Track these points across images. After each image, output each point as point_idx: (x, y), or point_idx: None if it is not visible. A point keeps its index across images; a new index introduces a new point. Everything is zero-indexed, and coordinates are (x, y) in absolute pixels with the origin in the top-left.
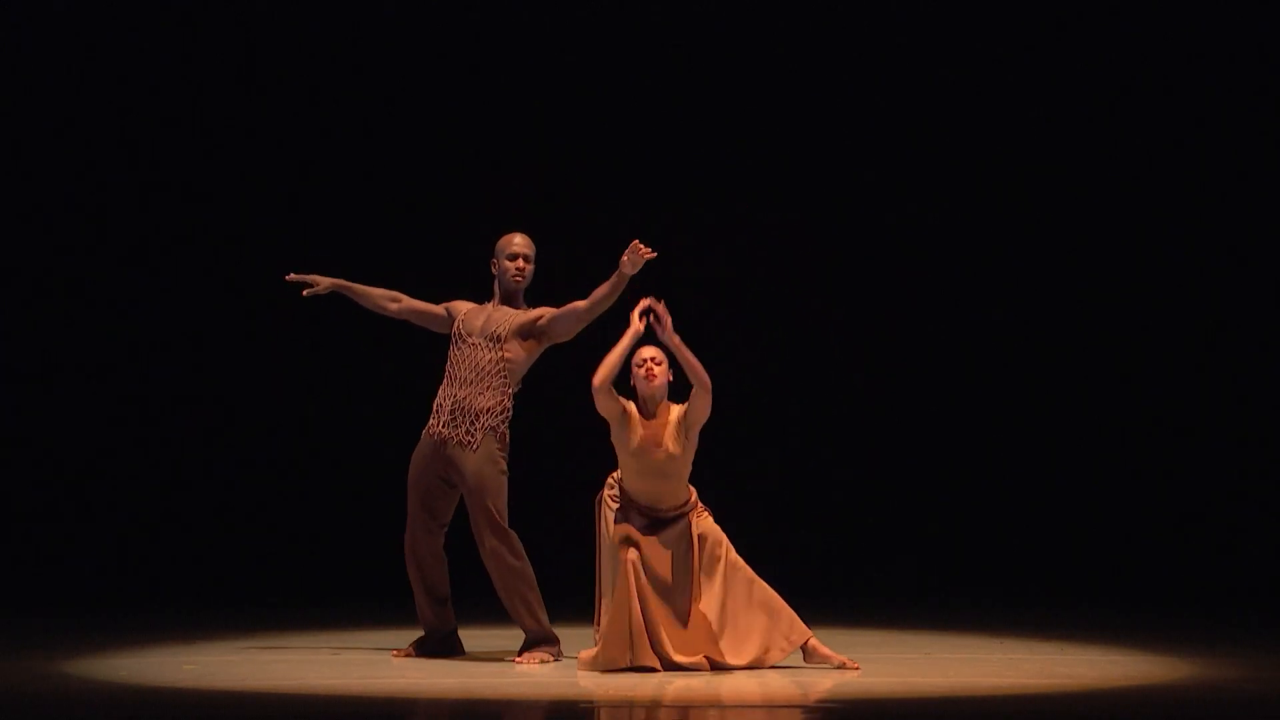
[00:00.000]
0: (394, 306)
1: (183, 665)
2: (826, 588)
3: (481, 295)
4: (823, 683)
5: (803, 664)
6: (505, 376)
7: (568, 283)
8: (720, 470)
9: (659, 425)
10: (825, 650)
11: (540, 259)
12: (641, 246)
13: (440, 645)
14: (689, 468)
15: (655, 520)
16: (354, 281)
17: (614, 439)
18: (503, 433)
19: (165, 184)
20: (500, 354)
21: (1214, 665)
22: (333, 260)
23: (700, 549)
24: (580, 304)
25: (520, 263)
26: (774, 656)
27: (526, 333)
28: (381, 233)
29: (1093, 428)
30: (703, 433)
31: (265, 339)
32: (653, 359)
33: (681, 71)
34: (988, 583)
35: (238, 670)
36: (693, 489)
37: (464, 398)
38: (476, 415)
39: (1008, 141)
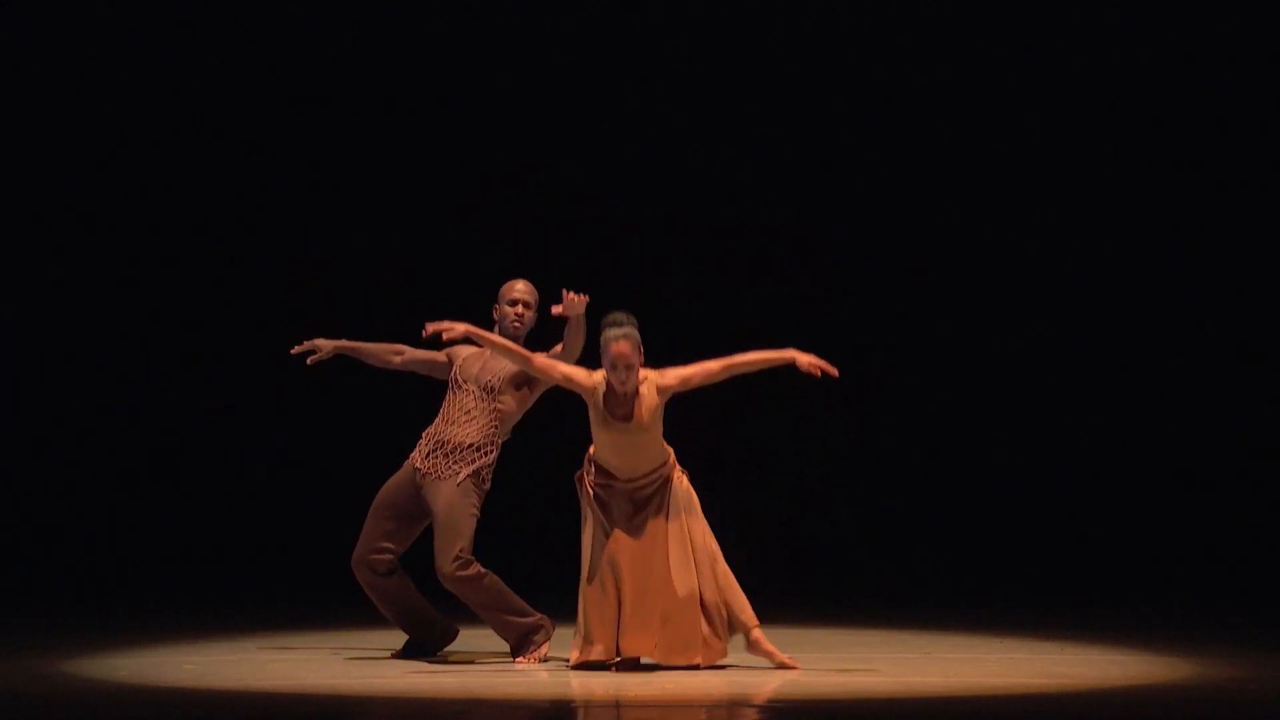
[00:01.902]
0: (397, 360)
1: (183, 665)
2: (827, 588)
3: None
4: (822, 682)
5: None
6: (496, 425)
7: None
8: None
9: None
10: (768, 645)
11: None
12: (570, 294)
13: (427, 645)
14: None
15: (635, 500)
16: (356, 340)
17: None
18: (484, 476)
19: (156, 185)
20: (494, 404)
21: (1214, 665)
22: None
23: (671, 515)
24: (558, 351)
25: (520, 309)
26: (715, 649)
27: (520, 381)
28: (383, 255)
29: (1093, 427)
30: (703, 431)
31: (264, 339)
32: (627, 364)
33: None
34: (988, 583)
35: (238, 670)
36: (670, 449)
37: (449, 436)
38: (458, 451)
39: (1008, 141)
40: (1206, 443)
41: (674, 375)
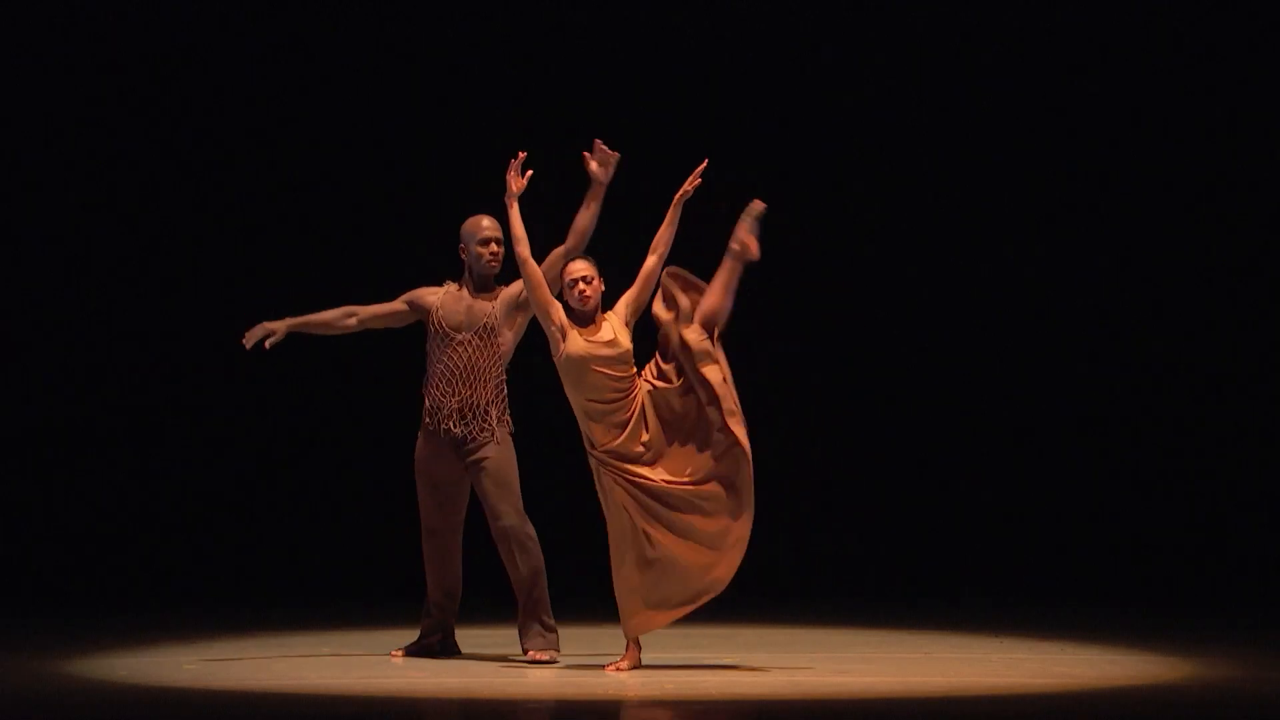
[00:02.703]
0: (352, 322)
1: (183, 665)
2: (827, 588)
3: (426, 277)
4: (822, 682)
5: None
6: (500, 364)
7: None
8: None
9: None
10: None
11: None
12: (603, 145)
13: (436, 646)
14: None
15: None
16: (302, 314)
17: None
18: (507, 419)
19: (152, 183)
20: (494, 345)
21: (1214, 665)
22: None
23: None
24: (559, 249)
25: (494, 247)
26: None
27: (513, 308)
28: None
29: (1094, 427)
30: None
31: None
32: (584, 277)
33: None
34: (988, 583)
35: (238, 670)
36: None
37: (468, 395)
38: (486, 410)
39: (1009, 141)
40: (1206, 442)
41: (621, 301)
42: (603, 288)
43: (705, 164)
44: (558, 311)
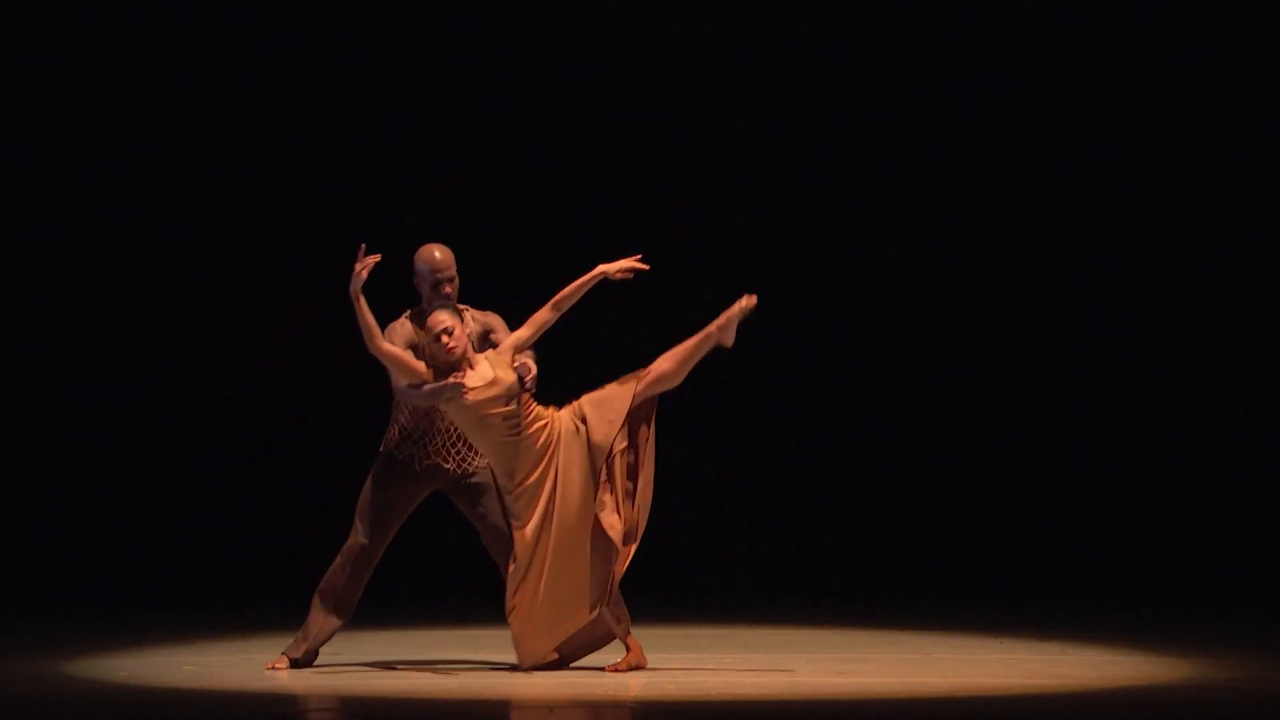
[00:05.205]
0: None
1: (183, 665)
2: (827, 588)
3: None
4: (822, 682)
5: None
6: None
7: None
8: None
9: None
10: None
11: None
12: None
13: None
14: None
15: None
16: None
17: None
18: None
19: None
20: None
21: (1214, 665)
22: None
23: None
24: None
25: (448, 287)
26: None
27: (482, 340)
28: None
29: (1093, 427)
30: (704, 430)
31: (263, 342)
32: (445, 329)
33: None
34: (988, 583)
35: (238, 670)
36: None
37: (460, 435)
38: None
39: (1009, 141)
40: (1207, 443)
41: (506, 341)
42: (468, 329)
43: (640, 264)
44: (431, 375)
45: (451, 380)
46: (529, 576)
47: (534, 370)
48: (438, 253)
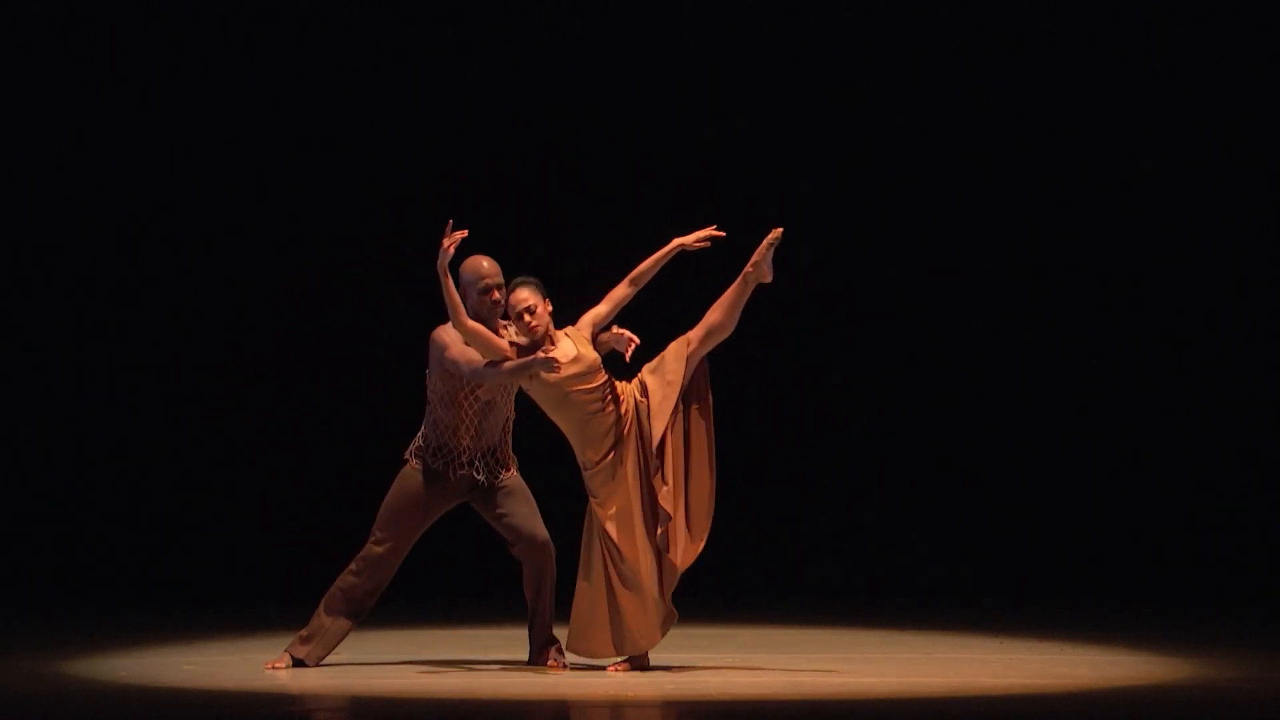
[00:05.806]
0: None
1: (183, 665)
2: (827, 588)
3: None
4: (822, 682)
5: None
6: (512, 402)
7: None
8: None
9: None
10: None
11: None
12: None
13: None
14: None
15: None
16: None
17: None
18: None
19: (158, 180)
20: (510, 388)
21: (1214, 665)
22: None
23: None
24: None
25: (496, 293)
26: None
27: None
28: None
29: (1093, 427)
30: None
31: (267, 341)
32: (528, 308)
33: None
34: (988, 583)
35: (238, 670)
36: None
37: (491, 447)
38: (503, 449)
39: (1009, 141)
40: (1207, 443)
41: (585, 318)
42: (550, 307)
43: (717, 232)
44: (514, 353)
45: (541, 355)
46: (640, 557)
47: (636, 341)
48: (485, 263)
